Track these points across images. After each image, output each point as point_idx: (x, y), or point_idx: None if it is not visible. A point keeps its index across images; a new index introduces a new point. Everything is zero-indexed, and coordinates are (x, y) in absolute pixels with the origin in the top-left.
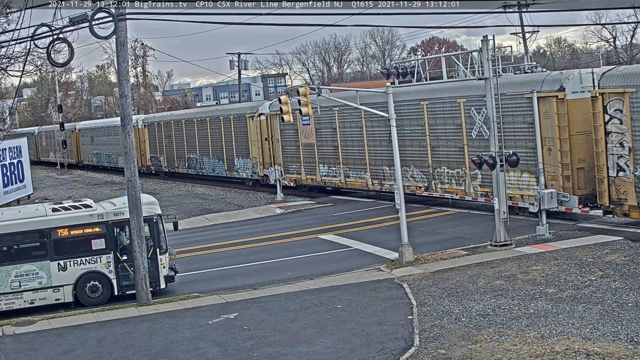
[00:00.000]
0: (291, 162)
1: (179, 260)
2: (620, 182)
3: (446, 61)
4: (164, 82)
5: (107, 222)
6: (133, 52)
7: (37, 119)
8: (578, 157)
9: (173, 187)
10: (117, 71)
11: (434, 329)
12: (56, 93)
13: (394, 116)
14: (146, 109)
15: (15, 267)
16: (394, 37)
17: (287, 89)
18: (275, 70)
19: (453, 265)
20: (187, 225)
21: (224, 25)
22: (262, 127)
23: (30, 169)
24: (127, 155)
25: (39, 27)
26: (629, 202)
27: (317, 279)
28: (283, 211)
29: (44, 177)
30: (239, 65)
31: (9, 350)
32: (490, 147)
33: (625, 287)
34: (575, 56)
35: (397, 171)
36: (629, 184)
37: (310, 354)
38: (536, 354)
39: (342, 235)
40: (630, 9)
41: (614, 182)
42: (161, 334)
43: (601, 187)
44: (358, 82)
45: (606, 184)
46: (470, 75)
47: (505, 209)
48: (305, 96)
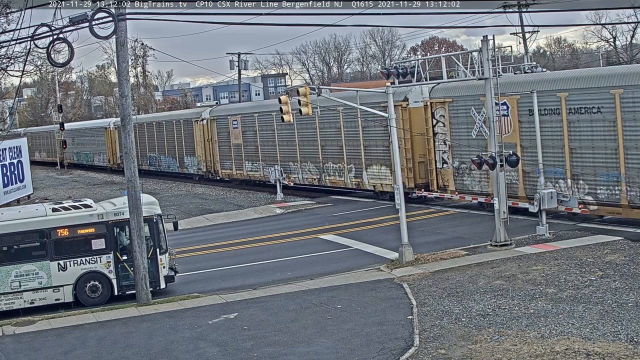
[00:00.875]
0: (225, 159)
1: (179, 260)
2: (445, 172)
3: (446, 61)
4: (164, 82)
5: (107, 222)
6: (133, 52)
7: (37, 119)
8: (419, 153)
9: (173, 187)
10: (117, 71)
11: (434, 329)
12: (56, 93)
13: (393, 116)
14: (146, 109)
15: (15, 267)
16: (394, 37)
17: (287, 89)
18: (275, 70)
19: (453, 265)
20: (187, 225)
21: (224, 25)
22: (204, 130)
23: (30, 168)
24: (127, 155)
25: (39, 27)
26: (450, 188)
27: (317, 279)
28: (283, 211)
29: (44, 177)
30: (239, 65)
31: (9, 350)
32: (490, 147)
33: (625, 287)
34: (575, 56)
35: (397, 171)
36: (450, 174)
37: (310, 354)
38: (536, 354)
39: (342, 235)
40: (630, 9)
41: (440, 172)
42: (161, 334)
43: (432, 177)
44: (358, 82)
45: (435, 174)
46: (470, 75)
47: (505, 209)
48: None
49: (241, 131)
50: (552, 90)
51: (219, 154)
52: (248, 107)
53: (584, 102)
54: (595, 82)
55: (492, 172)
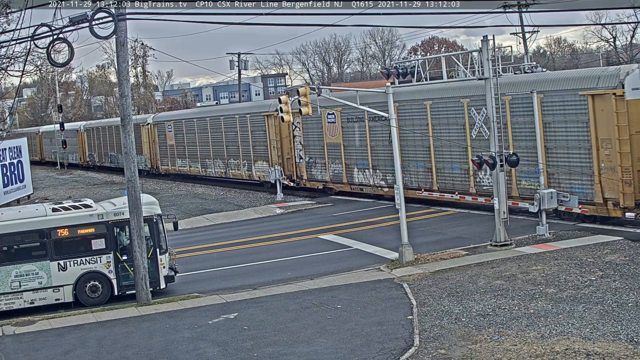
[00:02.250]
0: (164, 157)
1: (179, 260)
2: (301, 166)
3: (446, 61)
4: (164, 82)
5: (107, 222)
6: (133, 52)
7: (37, 119)
8: (286, 151)
9: (173, 187)
10: (117, 71)
11: (434, 329)
12: (56, 93)
13: (393, 116)
14: (146, 109)
15: (15, 267)
16: (394, 37)
17: (287, 88)
18: (275, 70)
19: (453, 265)
20: (187, 225)
21: (224, 25)
22: (149, 133)
23: (31, 168)
24: (126, 155)
25: (39, 27)
26: (304, 177)
27: (317, 279)
28: (283, 211)
29: (44, 177)
30: (239, 65)
31: (9, 350)
32: (491, 147)
33: (625, 287)
34: (575, 56)
35: (397, 171)
36: (304, 166)
37: (310, 354)
38: (536, 354)
39: (342, 235)
40: (630, 9)
41: (298, 165)
42: (161, 334)
43: (293, 169)
44: (358, 82)
45: (294, 167)
46: (470, 75)
47: (505, 209)
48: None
49: (174, 134)
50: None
51: (159, 152)
52: (178, 114)
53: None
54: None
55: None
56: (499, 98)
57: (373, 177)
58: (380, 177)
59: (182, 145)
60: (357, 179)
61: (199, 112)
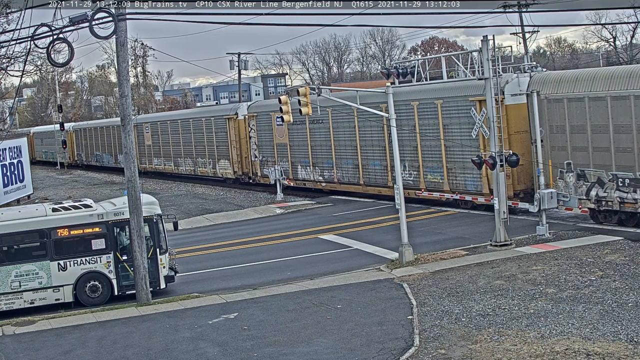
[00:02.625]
0: (142, 156)
1: (179, 260)
2: (256, 164)
3: (446, 61)
4: (164, 82)
5: (107, 222)
6: (133, 52)
7: (37, 119)
8: (244, 151)
9: (173, 187)
10: (117, 71)
11: (434, 329)
12: (56, 93)
13: (393, 116)
14: (146, 109)
15: (15, 267)
16: (394, 37)
17: (287, 89)
18: (275, 70)
19: (453, 265)
20: (187, 225)
21: (224, 25)
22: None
23: (31, 168)
24: (126, 155)
25: (39, 27)
26: (259, 174)
27: (317, 279)
28: (283, 211)
29: (44, 177)
30: (239, 65)
31: (9, 350)
32: (491, 147)
33: (625, 287)
34: (575, 56)
35: (397, 170)
36: (258, 164)
37: (310, 354)
38: (536, 354)
39: (342, 235)
40: (630, 9)
41: (253, 163)
42: (161, 334)
43: (249, 167)
44: (358, 82)
45: (250, 165)
46: (470, 75)
47: (505, 209)
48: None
49: (151, 135)
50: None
51: (138, 152)
52: (154, 117)
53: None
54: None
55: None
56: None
57: (313, 174)
58: (319, 173)
59: (158, 145)
60: (300, 175)
61: (172, 115)
